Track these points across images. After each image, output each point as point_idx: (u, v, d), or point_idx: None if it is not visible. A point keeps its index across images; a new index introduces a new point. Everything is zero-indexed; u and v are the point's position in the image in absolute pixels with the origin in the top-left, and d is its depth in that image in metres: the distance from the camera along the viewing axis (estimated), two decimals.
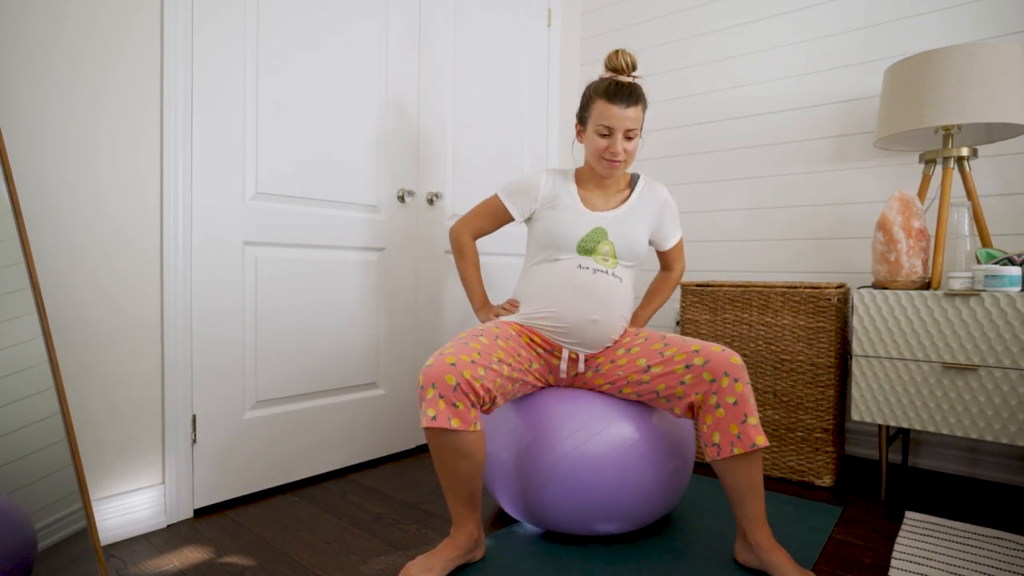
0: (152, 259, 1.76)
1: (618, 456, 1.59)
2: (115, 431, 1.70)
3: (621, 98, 1.67)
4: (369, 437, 2.33)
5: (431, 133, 2.53)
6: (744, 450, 1.46)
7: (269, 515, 1.87)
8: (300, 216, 2.09)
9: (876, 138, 2.11)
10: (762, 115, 2.69)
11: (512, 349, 1.64)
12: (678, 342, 1.62)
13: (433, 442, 1.47)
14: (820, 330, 2.11)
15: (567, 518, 1.63)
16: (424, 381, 1.44)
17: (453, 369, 1.44)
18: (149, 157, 1.74)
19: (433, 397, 1.43)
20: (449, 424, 1.42)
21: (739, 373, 1.50)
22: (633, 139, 1.72)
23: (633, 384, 1.65)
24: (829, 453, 2.10)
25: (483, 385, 1.48)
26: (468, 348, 1.52)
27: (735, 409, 1.48)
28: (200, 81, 1.83)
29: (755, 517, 1.51)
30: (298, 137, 2.08)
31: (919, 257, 1.96)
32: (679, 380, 1.56)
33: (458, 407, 1.43)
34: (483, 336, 1.60)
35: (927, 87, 1.91)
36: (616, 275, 1.74)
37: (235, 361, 1.94)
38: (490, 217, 1.93)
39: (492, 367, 1.53)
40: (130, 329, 1.72)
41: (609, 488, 1.59)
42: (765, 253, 2.69)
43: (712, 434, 1.51)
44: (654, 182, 1.88)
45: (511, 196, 1.87)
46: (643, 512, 1.65)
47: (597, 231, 1.74)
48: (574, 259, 1.73)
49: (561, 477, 1.60)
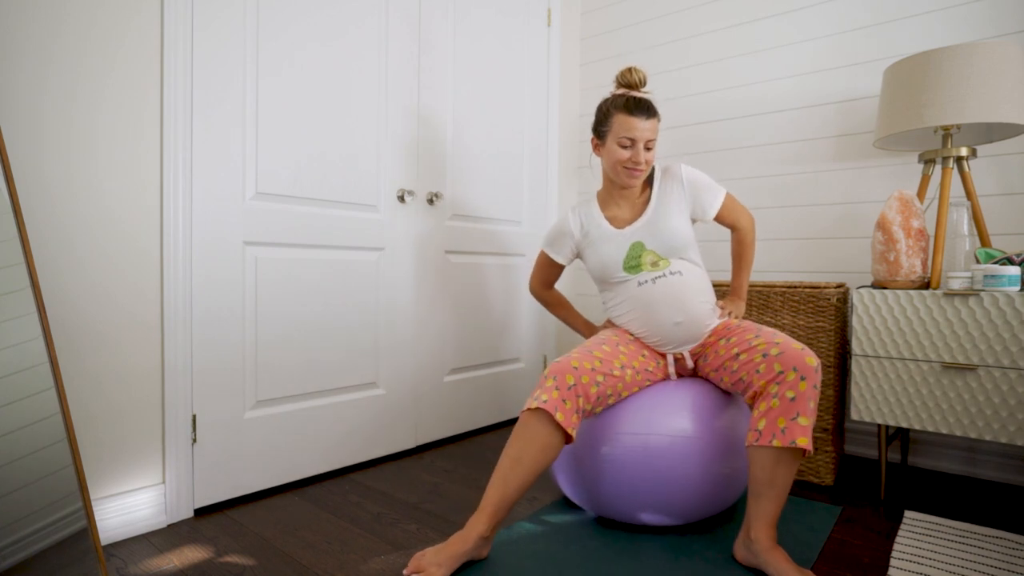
0: (152, 259, 1.76)
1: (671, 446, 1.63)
2: (115, 431, 1.70)
3: (641, 111, 1.74)
4: (369, 437, 2.33)
5: (431, 133, 2.53)
6: (783, 444, 1.46)
7: (269, 515, 1.87)
8: (300, 216, 2.09)
9: (876, 138, 2.11)
10: (762, 115, 2.69)
11: (634, 352, 1.76)
12: (767, 334, 1.65)
13: (527, 421, 1.55)
14: (820, 330, 2.10)
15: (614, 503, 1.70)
16: (548, 371, 1.59)
17: (575, 372, 1.58)
18: (149, 157, 1.74)
19: (551, 387, 1.56)
20: (554, 413, 1.53)
21: (808, 373, 1.50)
22: (651, 149, 1.77)
23: (726, 371, 1.69)
24: (829, 453, 2.10)
25: (599, 391, 1.61)
26: (591, 356, 1.65)
27: (790, 405, 1.49)
28: (200, 81, 1.83)
29: (764, 517, 1.51)
30: (298, 137, 2.08)
31: (918, 257, 1.96)
32: (755, 368, 1.59)
33: (566, 404, 1.55)
34: (605, 344, 1.73)
35: (926, 87, 1.91)
36: (674, 271, 1.78)
37: (235, 361, 1.94)
38: (547, 268, 2.06)
39: (614, 373, 1.66)
40: (130, 329, 1.72)
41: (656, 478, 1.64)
42: (765, 253, 2.69)
43: (759, 420, 1.52)
44: (670, 166, 1.88)
45: (551, 247, 1.99)
46: (683, 509, 1.67)
47: (634, 247, 1.80)
48: (631, 280, 1.80)
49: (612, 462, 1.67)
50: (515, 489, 1.54)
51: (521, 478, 1.53)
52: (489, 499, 1.54)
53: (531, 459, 1.54)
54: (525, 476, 1.54)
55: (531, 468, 1.54)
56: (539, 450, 1.54)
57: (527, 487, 1.55)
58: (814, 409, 1.50)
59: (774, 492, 1.50)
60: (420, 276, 2.50)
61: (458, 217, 2.67)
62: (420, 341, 2.51)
